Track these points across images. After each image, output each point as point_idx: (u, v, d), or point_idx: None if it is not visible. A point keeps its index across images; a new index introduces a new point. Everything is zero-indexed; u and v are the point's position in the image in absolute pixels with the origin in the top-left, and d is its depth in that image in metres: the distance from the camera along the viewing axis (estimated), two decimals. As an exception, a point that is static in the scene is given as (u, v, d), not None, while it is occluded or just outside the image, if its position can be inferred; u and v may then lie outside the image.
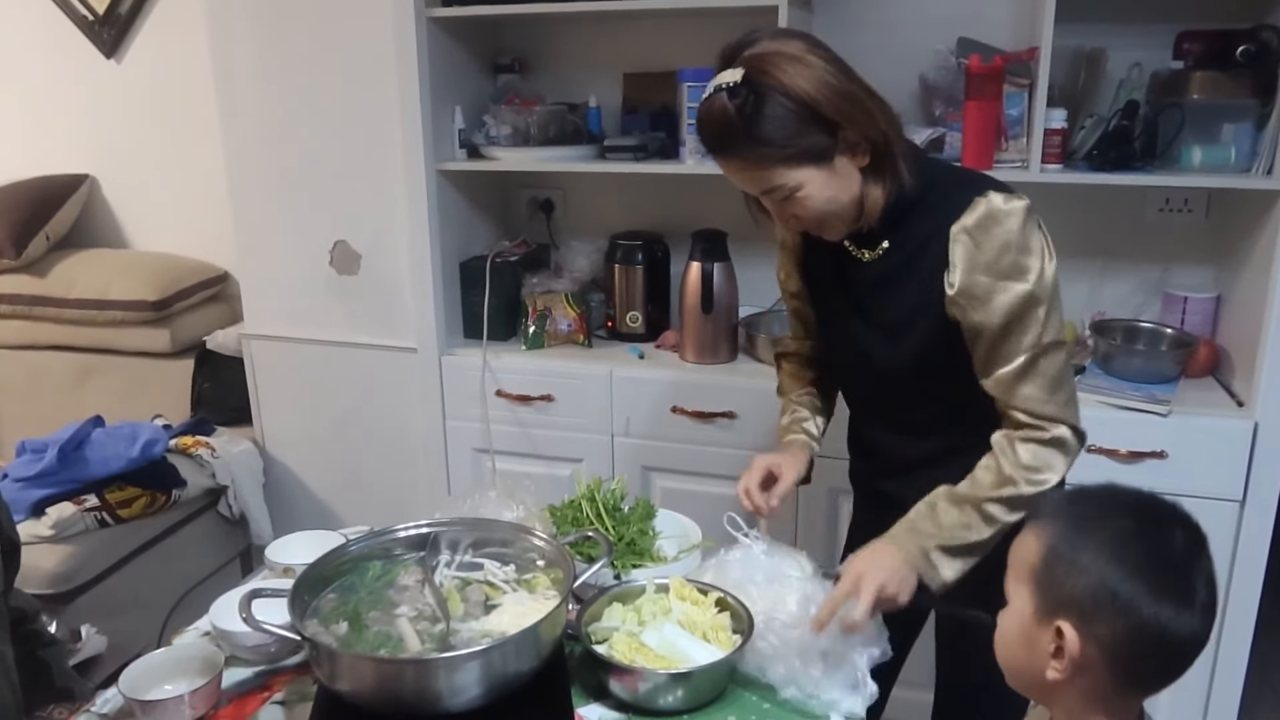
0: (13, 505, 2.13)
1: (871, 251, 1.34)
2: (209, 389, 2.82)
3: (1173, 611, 0.86)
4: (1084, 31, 2.12)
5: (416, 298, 2.42)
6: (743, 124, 1.18)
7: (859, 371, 1.45)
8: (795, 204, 1.25)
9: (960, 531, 1.26)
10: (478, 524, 1.37)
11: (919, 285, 1.29)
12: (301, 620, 1.17)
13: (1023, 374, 1.26)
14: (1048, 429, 1.27)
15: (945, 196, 1.27)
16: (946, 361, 1.31)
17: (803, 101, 1.18)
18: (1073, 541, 0.90)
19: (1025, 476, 1.26)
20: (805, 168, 1.21)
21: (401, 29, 2.23)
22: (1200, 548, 0.90)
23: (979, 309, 1.24)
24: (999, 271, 1.23)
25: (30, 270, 2.91)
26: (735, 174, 1.26)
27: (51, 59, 3.04)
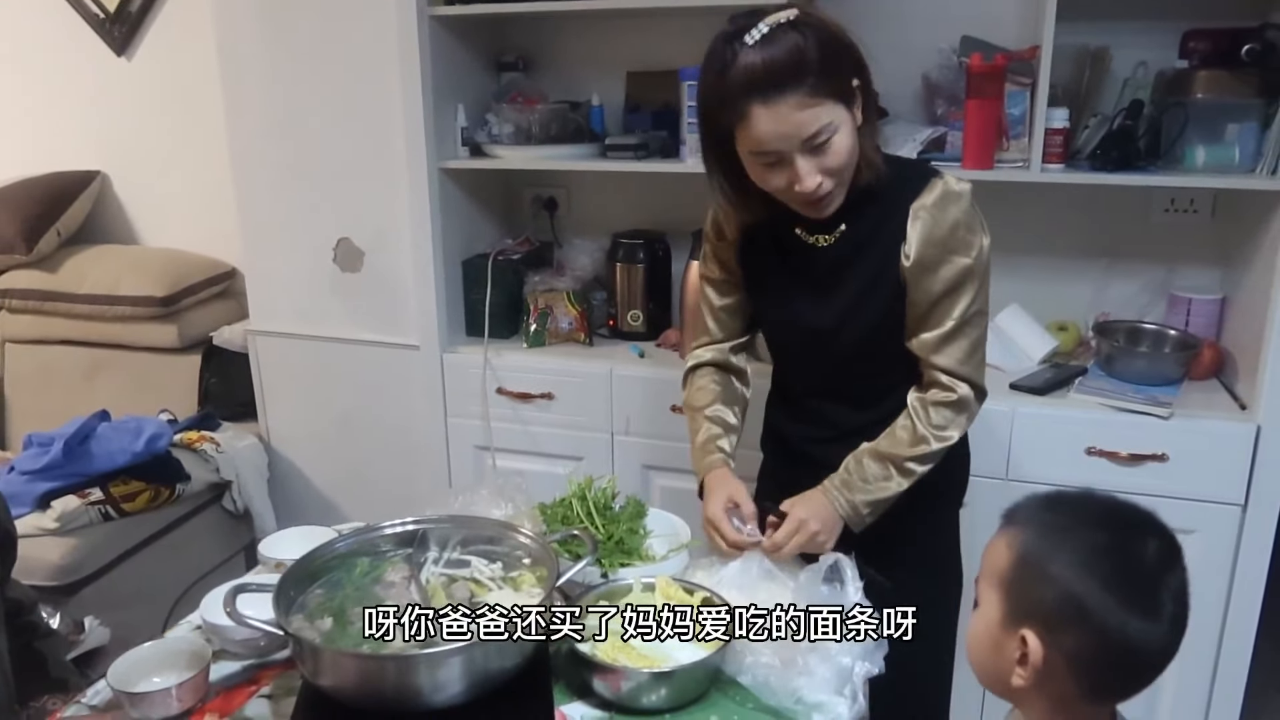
0: (18, 498, 2.17)
1: (827, 236, 1.42)
2: (216, 384, 2.84)
3: (1140, 624, 0.86)
4: (1088, 30, 2.10)
5: (419, 295, 2.43)
6: (810, 55, 1.24)
7: (814, 349, 1.52)
8: (829, 151, 1.29)
9: (884, 483, 1.43)
10: (465, 521, 1.38)
11: (877, 261, 1.39)
12: (287, 615, 1.18)
13: (949, 337, 1.40)
14: (956, 389, 1.41)
15: (899, 179, 1.38)
16: (894, 332, 1.44)
17: (843, 40, 1.29)
18: (1044, 551, 0.90)
19: (935, 434, 1.42)
20: (842, 106, 1.28)
21: (404, 27, 2.24)
22: (1172, 560, 0.89)
23: (926, 277, 1.37)
24: (948, 246, 1.36)
25: (41, 266, 2.95)
26: (785, 118, 1.25)
27: (63, 56, 3.07)
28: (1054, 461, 2.01)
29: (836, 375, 1.53)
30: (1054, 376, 2.09)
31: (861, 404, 1.52)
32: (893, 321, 1.43)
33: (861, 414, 1.52)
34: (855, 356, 1.48)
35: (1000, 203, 2.22)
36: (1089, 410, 1.99)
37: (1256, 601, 1.96)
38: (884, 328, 1.44)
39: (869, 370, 1.50)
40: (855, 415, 1.52)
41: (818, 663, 1.23)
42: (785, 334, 1.58)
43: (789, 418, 1.64)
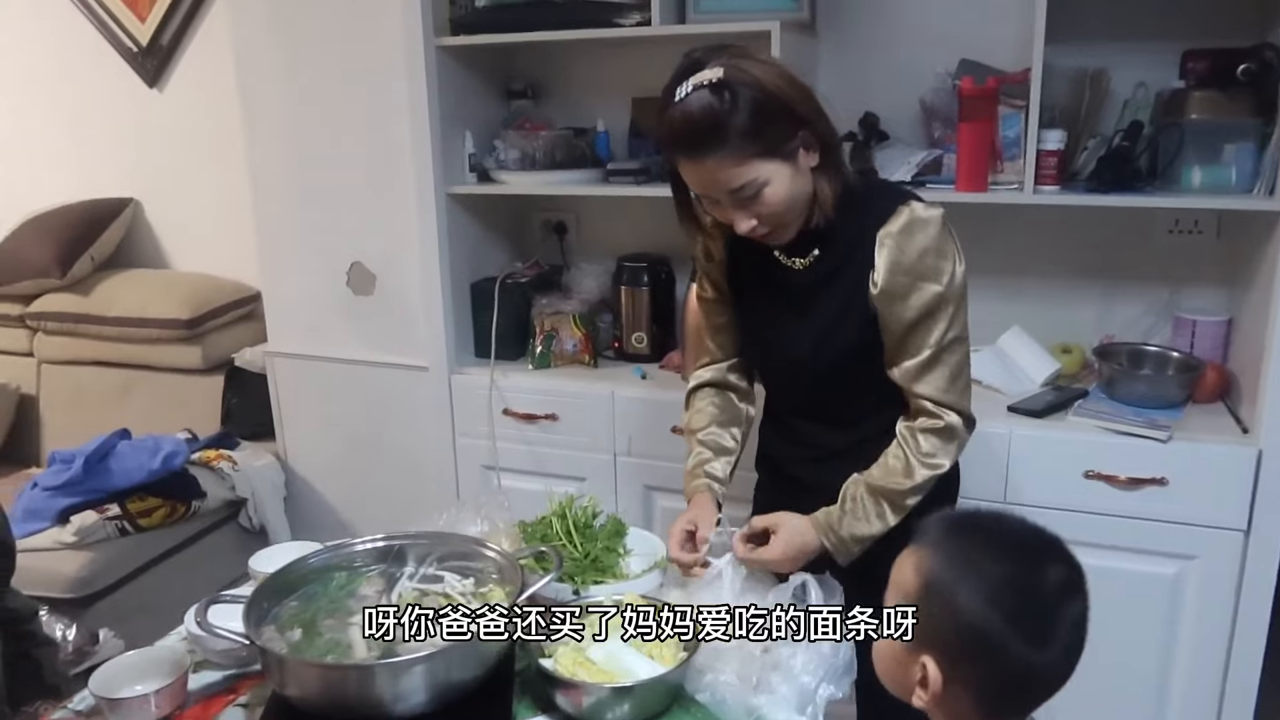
0: (40, 513, 2.25)
1: (803, 260, 1.43)
2: (237, 404, 2.92)
3: (1039, 655, 0.87)
4: (1086, 51, 2.10)
5: (428, 317, 2.49)
6: (726, 118, 1.25)
7: (790, 372, 1.54)
8: (760, 202, 1.32)
9: (876, 519, 1.42)
10: (439, 538, 1.41)
11: (847, 287, 1.40)
12: (258, 626, 1.22)
13: (927, 365, 1.39)
14: (943, 417, 1.40)
15: (870, 205, 1.39)
16: (869, 357, 1.44)
17: (776, 96, 1.28)
18: (949, 581, 0.90)
19: (923, 461, 1.41)
20: (775, 162, 1.30)
21: (412, 58, 2.30)
22: (1073, 588, 0.90)
23: (896, 305, 1.37)
24: (917, 273, 1.35)
25: (75, 289, 3.07)
26: (709, 174, 1.31)
27: (99, 88, 3.20)
28: (1052, 484, 1.99)
29: (815, 397, 1.55)
30: (1054, 399, 2.08)
31: (840, 425, 1.53)
32: (865, 347, 1.43)
33: (840, 435, 1.53)
34: (831, 379, 1.49)
35: (999, 225, 2.24)
36: (1087, 433, 1.97)
37: (1262, 630, 1.92)
38: (857, 353, 1.44)
39: (845, 393, 1.51)
40: (834, 436, 1.54)
41: (779, 681, 1.24)
42: (765, 355, 1.60)
43: (775, 437, 1.66)
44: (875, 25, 2.31)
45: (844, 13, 2.32)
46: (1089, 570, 1.91)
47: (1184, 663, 1.98)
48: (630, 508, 2.38)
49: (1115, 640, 2.00)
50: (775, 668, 1.24)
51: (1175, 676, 2.00)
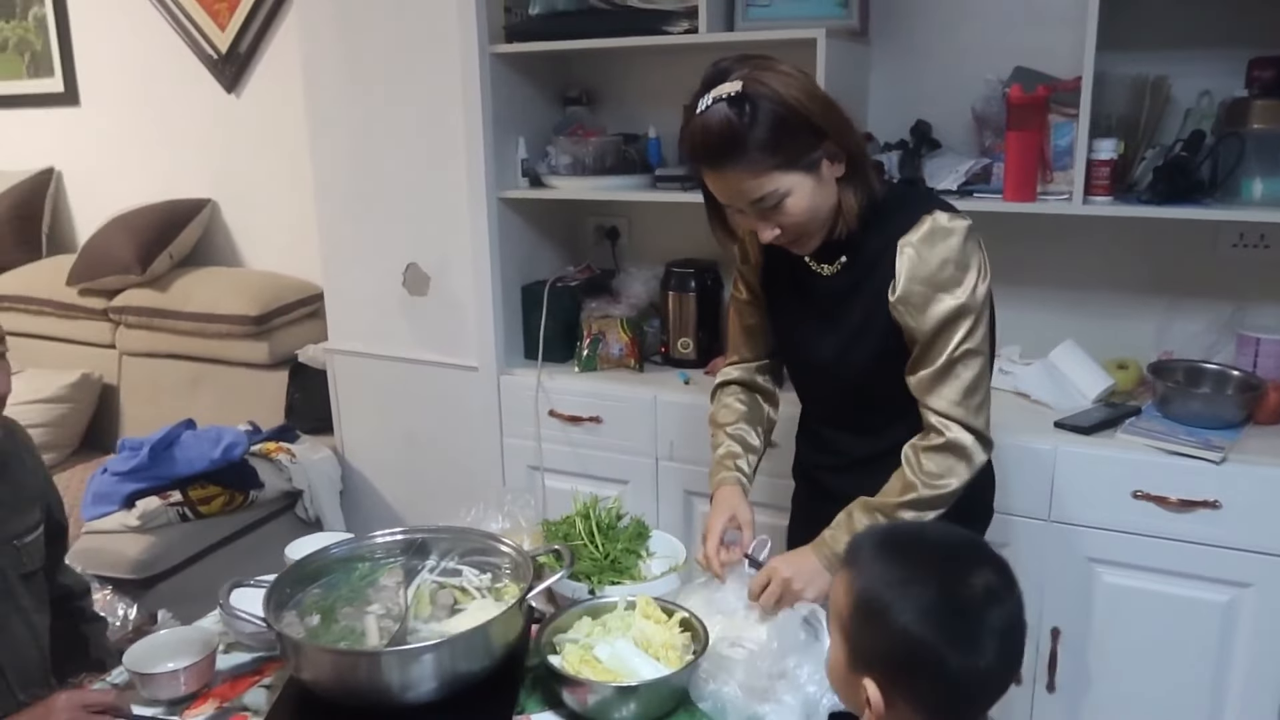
0: (109, 496, 2.36)
1: (831, 266, 1.44)
2: (299, 399, 3.02)
3: (975, 662, 0.87)
4: (1147, 58, 2.04)
5: (478, 319, 2.54)
6: (745, 131, 1.27)
7: (818, 377, 1.54)
8: (782, 212, 1.33)
9: None
10: (460, 533, 1.44)
11: (872, 295, 1.39)
12: (279, 611, 1.27)
13: (941, 376, 1.37)
14: (947, 432, 1.37)
15: (896, 214, 1.38)
16: (895, 366, 1.42)
17: (795, 109, 1.28)
18: (878, 603, 0.91)
19: (924, 481, 1.37)
20: (796, 174, 1.30)
21: (467, 65, 2.36)
22: (1000, 591, 0.90)
23: (914, 315, 1.36)
24: (936, 283, 1.34)
25: (154, 285, 3.21)
26: (730, 184, 1.32)
27: (181, 93, 3.35)
28: (1098, 503, 1.94)
29: (842, 403, 1.55)
30: (1105, 416, 2.02)
31: (867, 432, 1.53)
32: (889, 356, 1.42)
33: (867, 442, 1.53)
34: (857, 386, 1.49)
35: (1051, 236, 2.19)
36: (1136, 451, 1.91)
37: (1321, 662, 1.83)
38: (879, 361, 1.44)
39: (871, 401, 1.50)
40: (861, 443, 1.54)
41: (785, 690, 1.23)
42: (794, 359, 1.61)
43: (807, 445, 1.67)
44: (929, 32, 2.28)
45: (897, 19, 2.30)
46: (1135, 594, 1.87)
47: (1236, 694, 1.90)
48: (670, 512, 2.39)
49: (1164, 669, 1.94)
50: (781, 676, 1.24)
51: (1228, 709, 1.92)
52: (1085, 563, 1.97)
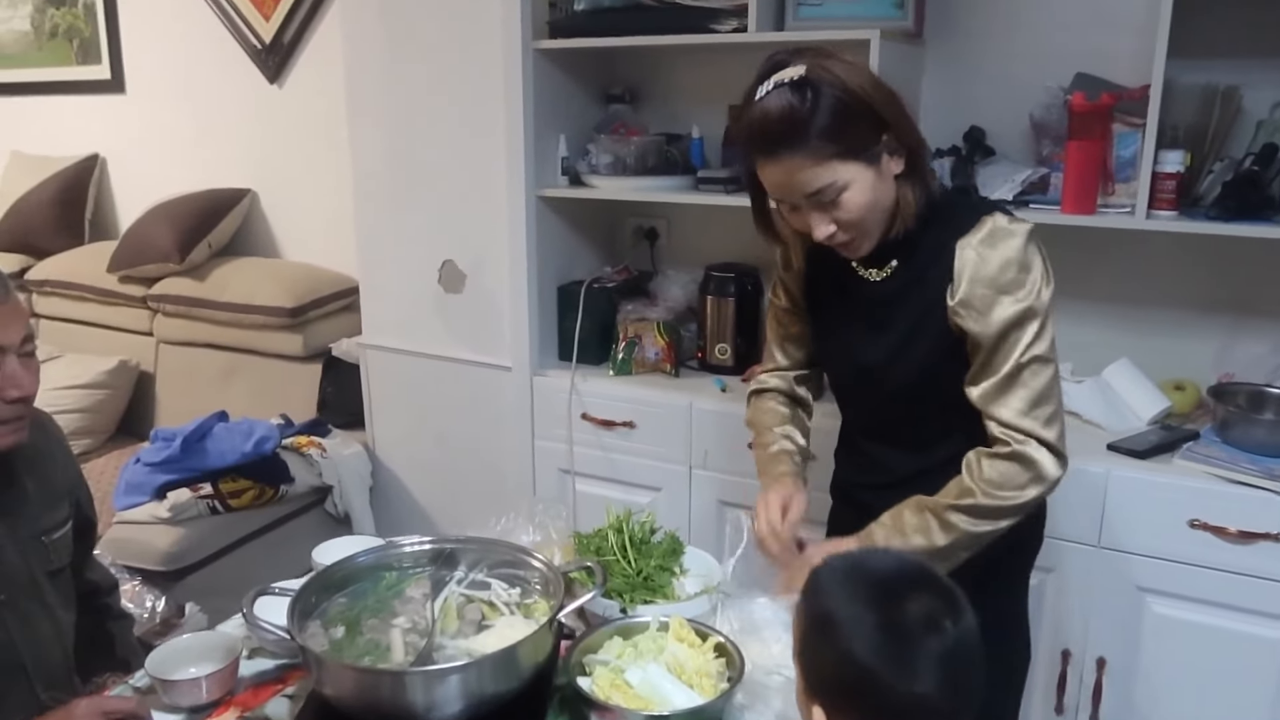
0: (141, 487, 2.36)
1: (880, 270, 1.39)
2: (332, 393, 3.01)
3: (914, 687, 0.85)
4: (1217, 67, 1.95)
5: (513, 318, 2.50)
6: (807, 117, 1.22)
7: (864, 388, 1.48)
8: (840, 207, 1.28)
9: (915, 535, 1.34)
10: (489, 545, 1.40)
11: (925, 301, 1.34)
12: (305, 621, 1.23)
13: (1006, 384, 1.31)
14: (1014, 443, 1.31)
15: (953, 216, 1.34)
16: (947, 374, 1.37)
17: (859, 97, 1.24)
18: (820, 629, 0.91)
19: (984, 489, 1.31)
20: (856, 165, 1.25)
21: (509, 60, 2.32)
22: (939, 618, 0.87)
23: (977, 320, 1.30)
24: (999, 286, 1.29)
25: (192, 274, 3.21)
26: (787, 175, 1.27)
27: (224, 83, 3.35)
28: (1152, 531, 1.86)
29: (888, 416, 1.49)
30: (1160, 439, 1.94)
31: (914, 448, 1.47)
32: (942, 363, 1.37)
33: (914, 459, 1.47)
34: (905, 397, 1.43)
35: (1109, 250, 2.11)
36: (1195, 479, 1.83)
37: (1386, 708, 1.74)
38: (933, 369, 1.38)
39: (920, 413, 1.44)
40: (908, 460, 1.47)
41: None
42: (839, 369, 1.55)
43: (848, 462, 1.62)
44: (987, 36, 2.21)
45: (954, 22, 2.22)
46: (1187, 626, 1.79)
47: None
48: (703, 522, 2.34)
49: (1215, 706, 1.86)
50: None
51: (1282, 750, 1.83)
52: (1135, 592, 1.90)
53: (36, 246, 3.62)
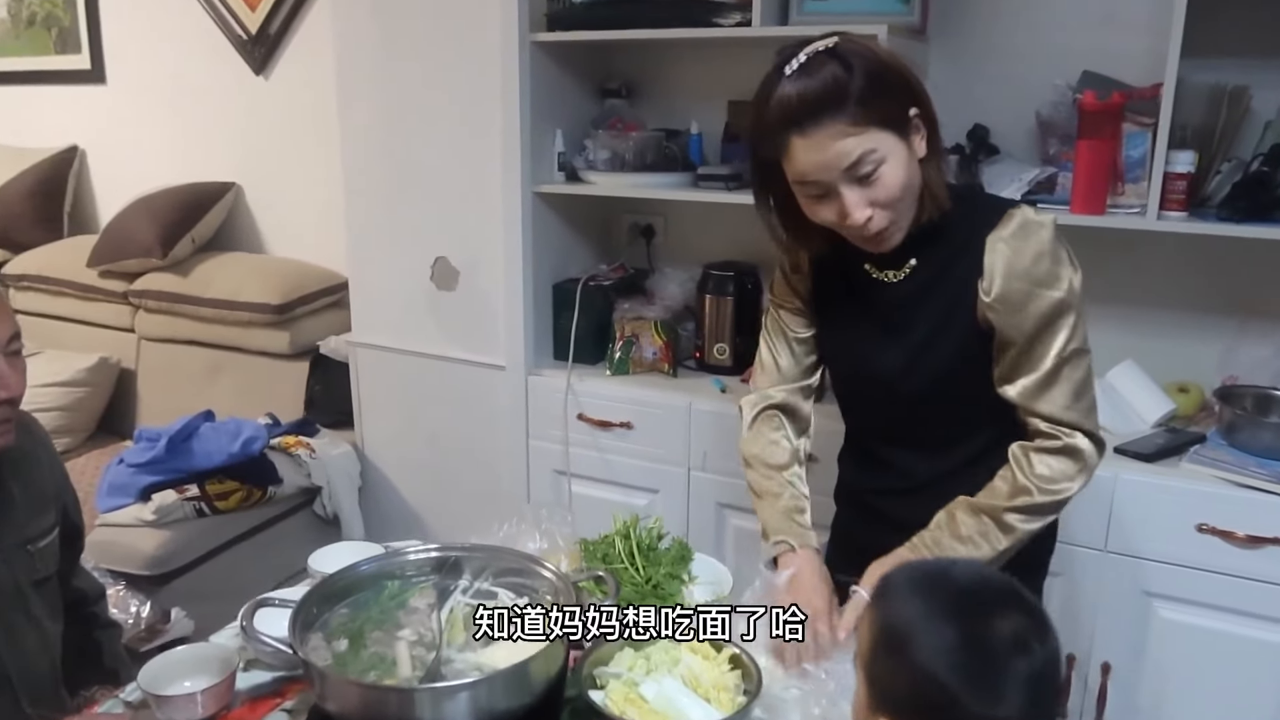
0: (124, 488, 2.30)
1: (897, 271, 1.35)
2: (320, 391, 2.94)
3: (994, 711, 0.81)
4: (1225, 66, 1.93)
5: (508, 316, 2.46)
6: (846, 81, 1.18)
7: (880, 392, 1.42)
8: (878, 183, 1.22)
9: (979, 541, 1.30)
10: (495, 552, 1.36)
11: (948, 298, 1.31)
12: (306, 633, 1.18)
13: (1048, 380, 1.28)
14: (1063, 436, 1.29)
15: (974, 211, 1.31)
16: (968, 374, 1.34)
17: (891, 68, 1.22)
18: (896, 640, 0.86)
19: (1039, 486, 1.29)
20: (892, 135, 1.21)
21: (506, 53, 2.27)
22: (1028, 640, 0.83)
23: (1014, 314, 1.27)
24: (1034, 279, 1.26)
25: (175, 270, 3.13)
26: (826, 146, 1.20)
27: (208, 74, 3.28)
28: (1160, 535, 1.84)
29: (906, 420, 1.43)
30: (1167, 442, 1.92)
31: (933, 451, 1.42)
32: (966, 363, 1.33)
33: (933, 462, 1.42)
34: (925, 400, 1.38)
35: (1116, 251, 2.08)
36: (1203, 482, 1.82)
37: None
38: (956, 370, 1.34)
39: (940, 415, 1.40)
40: (926, 463, 1.43)
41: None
42: (852, 375, 1.49)
43: (858, 467, 1.56)
44: (991, 32, 2.18)
45: (958, 18, 2.19)
46: (1194, 631, 1.77)
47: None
48: (701, 524, 2.30)
49: (1222, 712, 1.85)
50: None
51: (1290, 756, 1.82)
52: (1142, 596, 1.88)
53: (13, 240, 3.53)
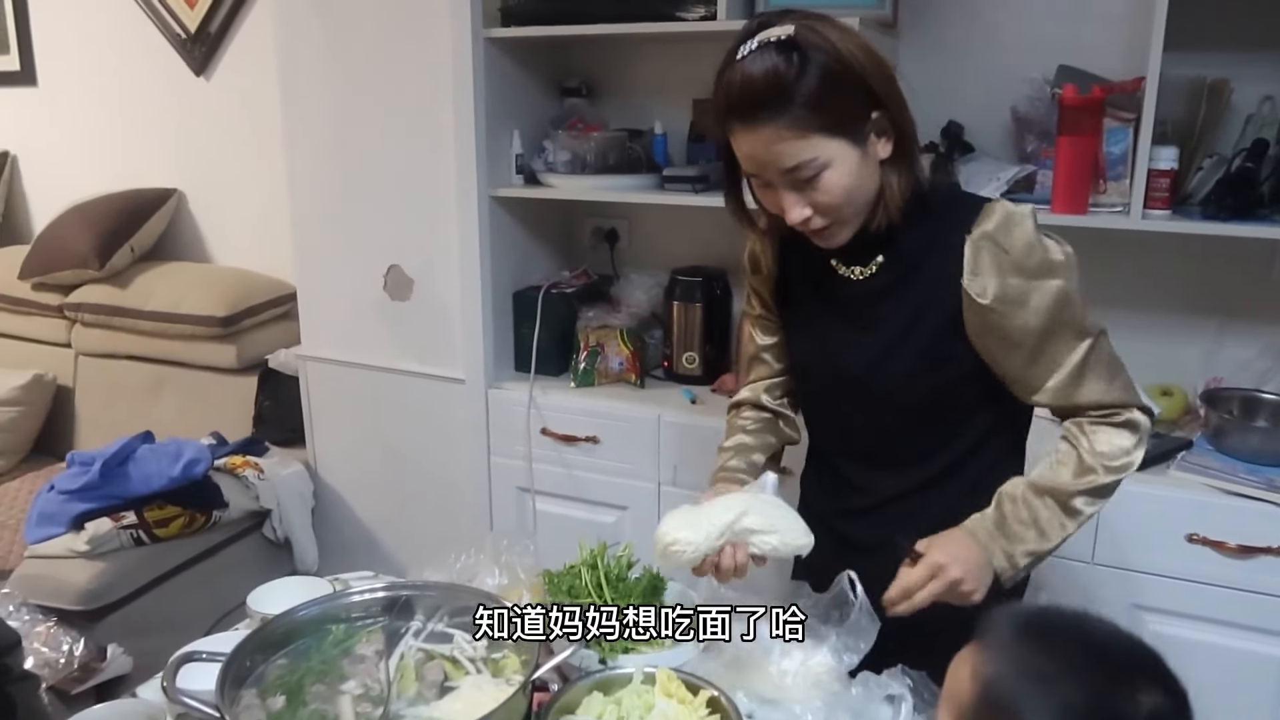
0: (55, 517, 2.15)
1: (864, 268, 1.27)
2: (269, 407, 2.81)
3: None
4: (1206, 60, 1.88)
5: (466, 327, 2.34)
6: (792, 81, 1.10)
7: (845, 399, 1.33)
8: (818, 188, 1.15)
9: (1050, 528, 1.22)
10: (450, 590, 1.24)
11: (919, 296, 1.23)
12: (238, 690, 1.06)
13: (1079, 373, 1.22)
14: (1119, 414, 1.23)
15: (948, 207, 1.23)
16: (936, 378, 1.26)
17: (852, 68, 1.12)
18: (1011, 695, 0.73)
19: (1104, 464, 1.22)
20: (841, 141, 1.13)
21: (459, 50, 2.16)
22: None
23: (1018, 313, 1.19)
24: (1029, 271, 1.19)
25: (113, 281, 2.99)
26: (764, 145, 1.13)
27: (146, 75, 3.13)
28: (1148, 546, 1.78)
29: (867, 430, 1.34)
30: (1153, 448, 1.82)
31: (898, 466, 1.33)
32: (934, 365, 1.25)
33: (898, 478, 1.33)
34: (889, 407, 1.29)
35: (1096, 250, 2.00)
36: (1192, 491, 1.75)
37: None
38: (924, 369, 1.25)
39: (907, 424, 1.30)
40: (891, 480, 1.34)
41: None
42: (815, 378, 1.39)
43: (820, 487, 1.45)
44: (964, 26, 2.11)
45: (929, 11, 2.12)
46: (1185, 644, 1.70)
47: (1295, 757, 1.75)
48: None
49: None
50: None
51: (1284, 771, 1.76)
52: (1131, 610, 1.81)
53: (-60, 252, 3.35)
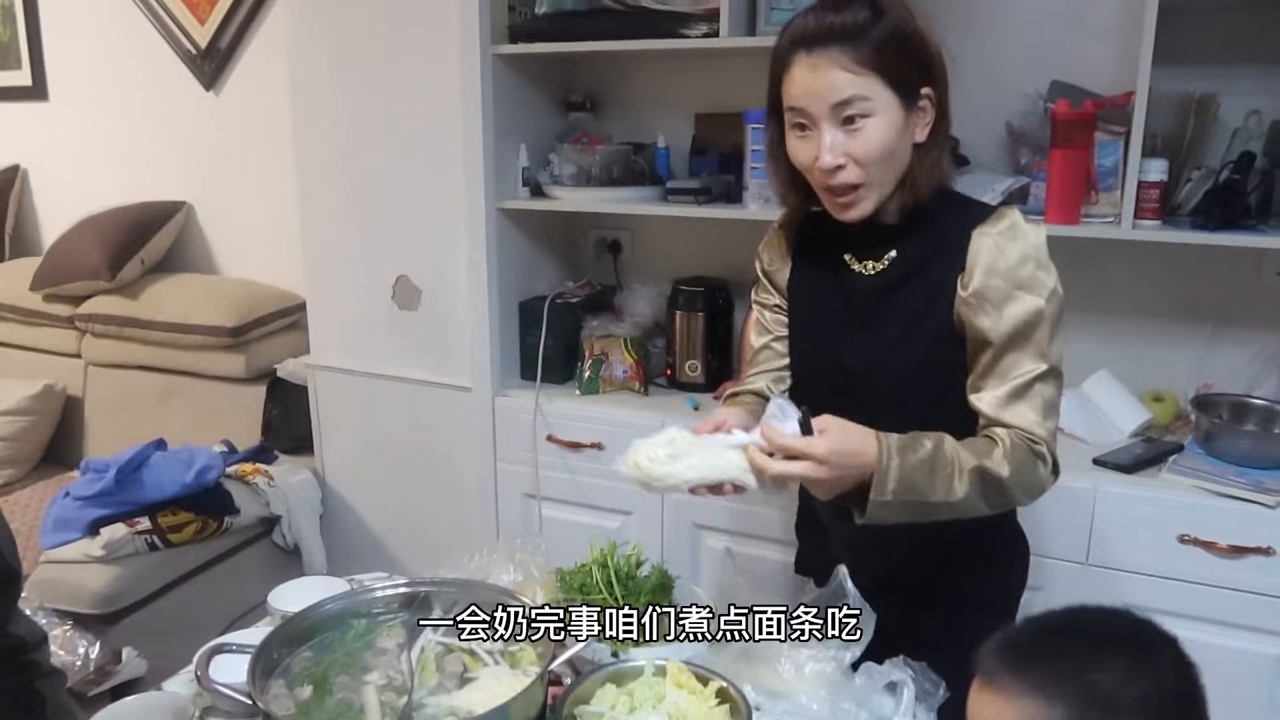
0: (71, 523, 2.19)
1: (876, 262, 1.30)
2: (278, 416, 2.85)
3: None
4: (1192, 75, 1.93)
5: (473, 336, 2.39)
6: (867, 25, 1.16)
7: (840, 395, 1.32)
8: (860, 135, 1.18)
9: (937, 483, 1.18)
10: (467, 586, 1.29)
11: (925, 294, 1.27)
12: (267, 680, 1.11)
13: (1020, 393, 1.23)
14: (1039, 446, 1.23)
15: (964, 208, 1.28)
16: (936, 380, 1.29)
17: (920, 36, 1.20)
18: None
19: (1014, 470, 1.20)
20: (893, 95, 1.18)
21: (467, 65, 2.21)
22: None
23: (988, 314, 1.22)
24: (1016, 280, 1.21)
25: (124, 292, 3.03)
26: (823, 73, 1.18)
27: (156, 90, 3.18)
28: (1141, 548, 1.82)
29: (865, 420, 1.31)
30: (1145, 453, 1.90)
31: None
32: (935, 367, 1.28)
33: None
34: (889, 404, 1.30)
35: (1090, 260, 2.07)
36: (1183, 493, 1.80)
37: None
38: (924, 372, 1.28)
39: (904, 423, 1.29)
40: None
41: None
42: (813, 373, 1.42)
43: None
44: (956, 42, 2.09)
45: (925, 28, 2.17)
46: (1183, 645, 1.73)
47: (1286, 753, 1.79)
48: (676, 548, 2.25)
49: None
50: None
51: (1276, 768, 1.80)
52: (1125, 610, 1.85)
53: (-48, 264, 3.40)
